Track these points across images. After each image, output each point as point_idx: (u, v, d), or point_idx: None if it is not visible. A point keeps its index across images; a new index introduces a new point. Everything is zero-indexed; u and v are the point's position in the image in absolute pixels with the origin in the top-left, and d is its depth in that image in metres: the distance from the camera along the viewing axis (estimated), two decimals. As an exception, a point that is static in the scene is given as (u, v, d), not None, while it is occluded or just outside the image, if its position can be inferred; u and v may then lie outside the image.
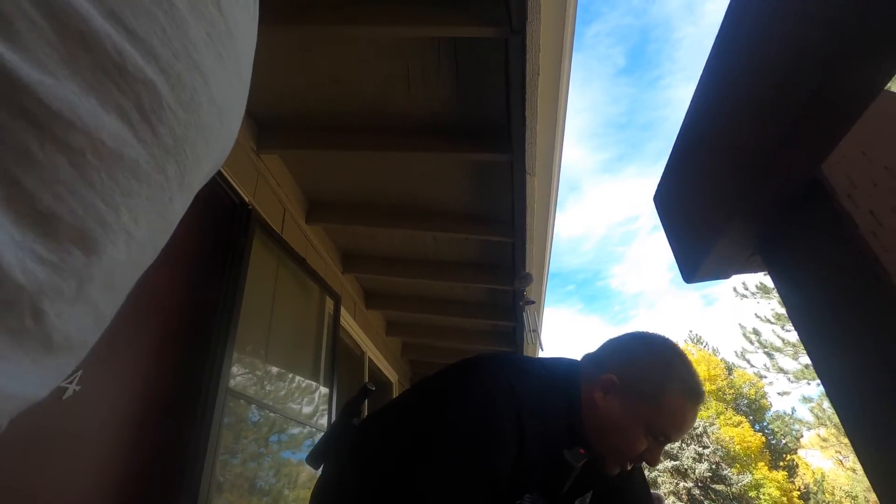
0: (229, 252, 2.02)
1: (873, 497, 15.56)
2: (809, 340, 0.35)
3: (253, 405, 2.09)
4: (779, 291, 0.38)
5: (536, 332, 3.35)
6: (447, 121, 2.19)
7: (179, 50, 0.27)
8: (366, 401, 1.11)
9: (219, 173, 1.98)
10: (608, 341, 1.00)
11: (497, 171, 2.38)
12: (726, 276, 0.43)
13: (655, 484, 19.81)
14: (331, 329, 2.95)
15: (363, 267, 3.44)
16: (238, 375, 1.99)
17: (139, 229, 0.27)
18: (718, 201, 0.39)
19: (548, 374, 0.92)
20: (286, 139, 2.33)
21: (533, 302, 3.04)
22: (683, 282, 0.43)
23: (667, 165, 0.45)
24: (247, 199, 2.18)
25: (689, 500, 18.94)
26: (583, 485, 0.93)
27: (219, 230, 2.04)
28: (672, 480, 19.47)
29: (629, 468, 0.90)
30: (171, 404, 1.67)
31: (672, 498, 18.79)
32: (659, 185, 0.46)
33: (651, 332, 0.98)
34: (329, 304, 2.98)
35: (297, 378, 2.57)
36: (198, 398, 1.71)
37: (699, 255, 0.41)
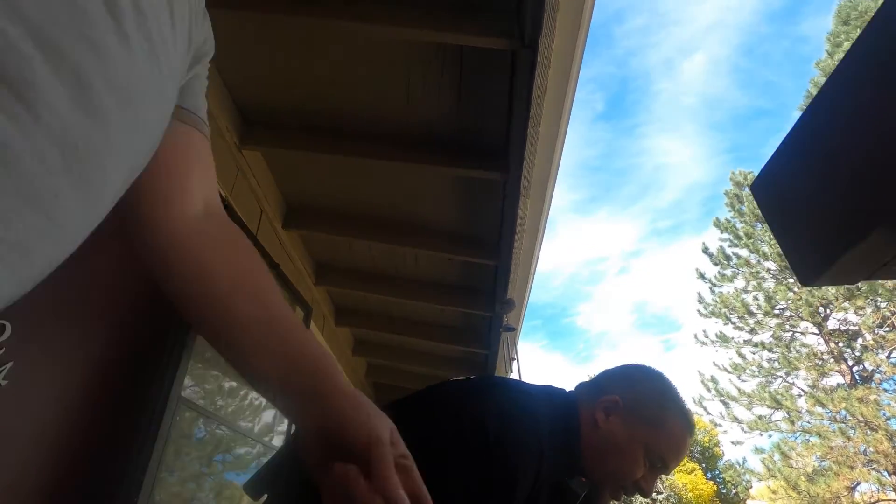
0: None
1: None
2: None
3: (202, 419, 1.90)
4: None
5: (515, 360, 3.25)
6: (444, 133, 2.12)
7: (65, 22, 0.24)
8: None
9: (196, 162, 1.84)
10: (604, 371, 1.02)
11: (488, 190, 2.32)
12: (854, 281, 0.35)
13: (608, 528, 19.61)
14: (297, 342, 2.77)
15: (337, 280, 3.30)
16: (191, 385, 1.81)
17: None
18: (868, 197, 0.32)
19: (550, 401, 0.89)
20: (272, 136, 2.22)
21: (513, 328, 2.96)
22: (801, 284, 0.35)
23: (780, 149, 0.38)
24: (223, 195, 2.04)
25: (640, 546, 18.77)
26: None
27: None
28: (625, 525, 19.34)
29: (621, 498, 0.88)
30: (115, 409, 1.48)
31: (624, 543, 18.62)
32: (765, 173, 0.38)
33: (645, 363, 1.01)
34: (299, 316, 2.82)
35: (255, 393, 2.38)
36: (145, 405, 1.53)
37: (828, 259, 0.33)
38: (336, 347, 3.83)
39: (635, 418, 0.87)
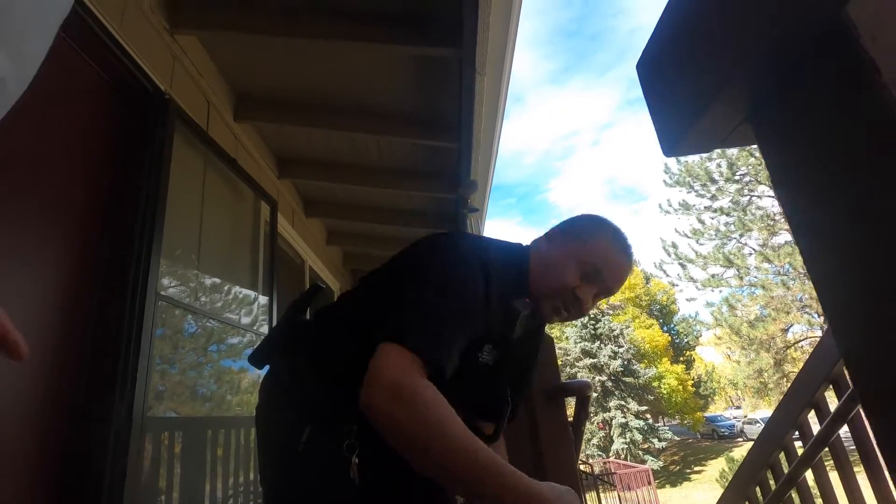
0: (146, 146, 1.80)
1: (751, 384, 18.39)
2: (794, 201, 0.34)
3: (188, 314, 2.01)
4: (768, 159, 0.36)
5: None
6: (392, 9, 1.98)
7: None
8: (313, 300, 1.08)
9: (123, 52, 1.70)
10: None
11: (445, 69, 2.23)
12: (708, 149, 0.41)
13: (575, 378, 22.17)
14: (268, 236, 2.82)
15: (301, 172, 3.25)
16: (169, 282, 1.88)
17: None
18: (713, 64, 0.36)
19: (503, 244, 1.03)
20: (205, 16, 2.02)
21: (477, 210, 3.05)
22: (664, 155, 0.40)
23: (656, 27, 0.41)
24: (162, 88, 1.91)
25: (602, 391, 21.49)
26: (529, 358, 1.02)
27: (132, 120, 1.80)
28: (590, 375, 21.84)
29: (565, 314, 0.96)
30: (98, 312, 1.55)
31: (588, 390, 21.19)
32: (644, 51, 0.42)
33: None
34: (265, 209, 2.83)
35: (235, 286, 2.48)
36: (124, 304, 1.60)
37: (683, 126, 0.38)
38: (310, 239, 3.90)
39: (568, 236, 0.98)
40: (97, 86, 1.71)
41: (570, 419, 1.56)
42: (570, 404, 1.87)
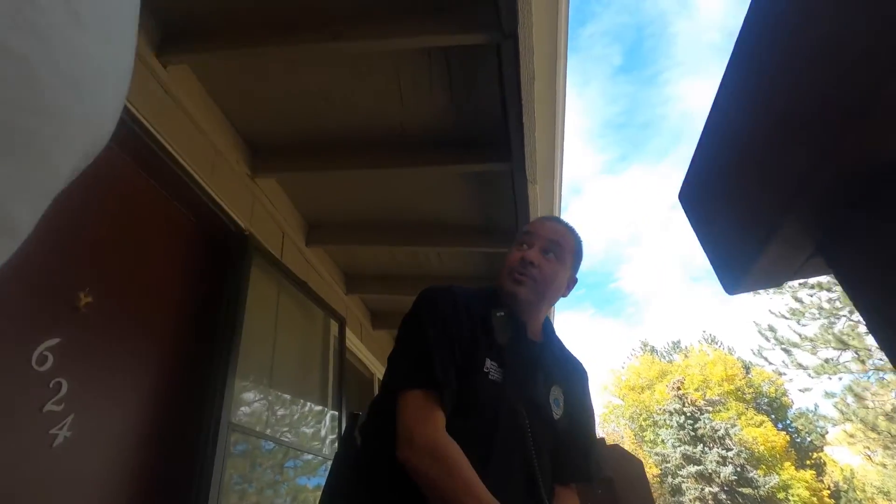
0: (227, 281, 1.96)
1: (907, 493, 15.04)
2: (884, 333, 0.28)
3: (257, 439, 2.01)
4: (847, 289, 0.30)
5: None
6: (443, 133, 2.14)
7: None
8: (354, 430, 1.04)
9: (212, 200, 1.93)
10: None
11: (498, 180, 2.32)
12: (778, 283, 0.36)
13: (680, 491, 19.33)
14: (337, 352, 2.87)
15: (367, 287, 3.38)
16: (241, 408, 1.92)
17: None
18: (770, 195, 0.32)
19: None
20: (281, 162, 2.29)
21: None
22: (726, 293, 0.36)
23: (694, 157, 0.38)
24: (243, 226, 2.13)
25: (715, 505, 18.44)
26: (548, 377, 1.05)
27: (216, 259, 1.99)
28: (697, 486, 18.99)
29: (521, 277, 1.05)
30: (171, 442, 1.60)
31: (698, 503, 18.31)
32: (686, 182, 0.39)
33: None
34: (334, 326, 2.91)
35: (306, 404, 2.49)
36: (198, 433, 1.63)
37: (746, 262, 0.34)
38: (377, 351, 3.93)
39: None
40: (187, 228, 1.93)
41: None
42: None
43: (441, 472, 0.80)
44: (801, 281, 17.64)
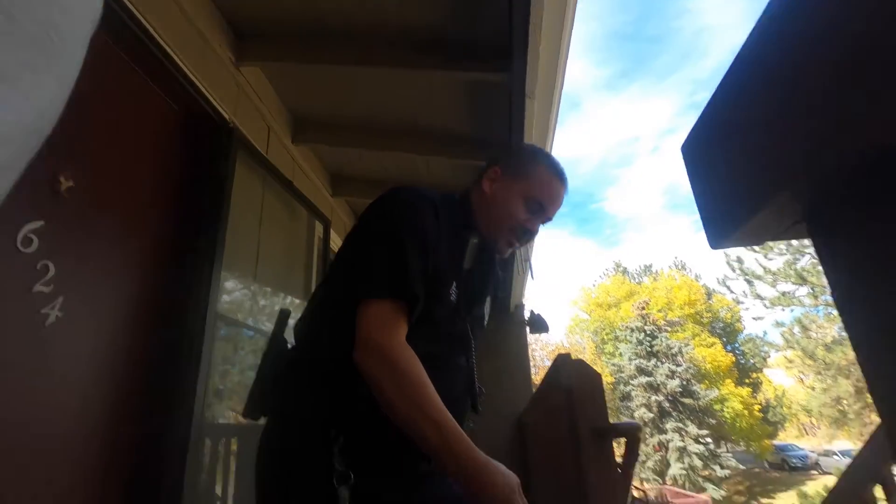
0: (212, 174, 1.92)
1: (828, 412, 16.89)
2: (847, 304, 0.31)
3: (244, 329, 2.11)
4: (822, 258, 0.33)
5: (528, 261, 3.36)
6: (443, 36, 2.01)
7: None
8: (285, 327, 1.06)
9: (196, 89, 1.82)
10: None
11: (494, 92, 2.23)
12: (760, 242, 0.38)
13: (629, 397, 21.28)
14: (321, 254, 2.92)
15: (353, 190, 3.35)
16: (227, 299, 1.98)
17: None
18: (773, 167, 0.33)
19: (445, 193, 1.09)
20: (267, 49, 2.14)
21: (525, 230, 3.01)
22: (710, 247, 0.38)
23: (705, 112, 0.38)
24: (227, 118, 2.03)
25: (659, 411, 20.47)
26: (484, 285, 1.07)
27: (200, 151, 1.92)
28: (645, 394, 20.88)
29: (517, 243, 1.07)
30: (161, 326, 1.66)
31: (643, 409, 20.25)
32: (691, 135, 0.40)
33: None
34: (319, 228, 2.93)
35: (286, 297, 2.58)
36: (185, 320, 1.70)
37: (735, 222, 0.36)
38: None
39: (512, 175, 1.07)
40: (171, 117, 1.84)
41: (619, 459, 1.49)
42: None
43: (395, 378, 0.79)
44: (777, 217, 18.07)
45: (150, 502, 1.50)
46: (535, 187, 1.05)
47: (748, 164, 0.36)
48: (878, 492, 1.60)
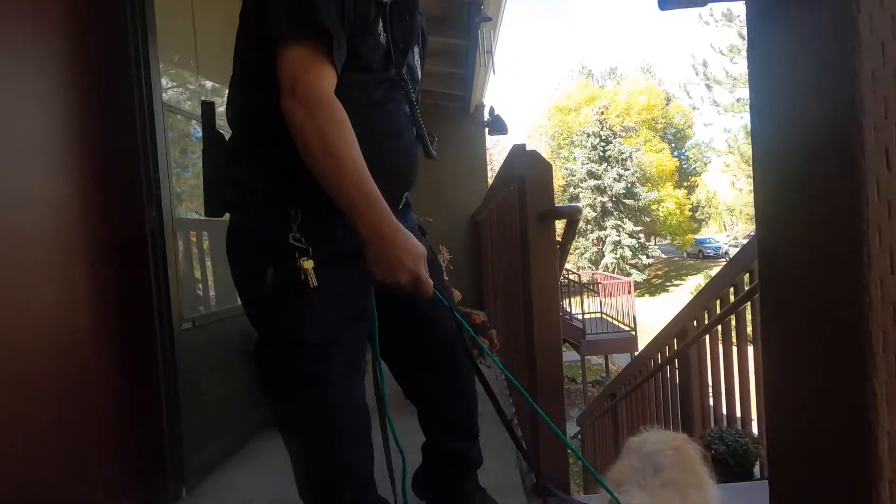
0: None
1: (747, 210, 18.87)
2: (757, 61, 0.37)
3: (192, 121, 2.02)
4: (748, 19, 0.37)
5: (490, 53, 3.18)
6: None
7: None
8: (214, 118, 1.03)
9: None
10: None
11: None
12: (704, 2, 0.41)
13: (577, 199, 22.82)
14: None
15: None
16: (170, 89, 1.85)
17: None
18: None
19: None
20: None
21: (490, 18, 2.78)
22: (659, 8, 0.41)
23: None
24: None
25: (601, 211, 22.33)
26: (411, 31, 1.03)
27: None
28: (591, 196, 22.42)
29: None
30: (104, 122, 1.58)
31: (588, 209, 21.96)
32: None
33: None
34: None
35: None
36: (132, 113, 1.61)
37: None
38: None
39: None
40: None
41: (559, 238, 1.72)
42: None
43: (321, 124, 0.76)
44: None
45: (145, 294, 1.62)
46: None
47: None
48: (746, 277, 2.01)
